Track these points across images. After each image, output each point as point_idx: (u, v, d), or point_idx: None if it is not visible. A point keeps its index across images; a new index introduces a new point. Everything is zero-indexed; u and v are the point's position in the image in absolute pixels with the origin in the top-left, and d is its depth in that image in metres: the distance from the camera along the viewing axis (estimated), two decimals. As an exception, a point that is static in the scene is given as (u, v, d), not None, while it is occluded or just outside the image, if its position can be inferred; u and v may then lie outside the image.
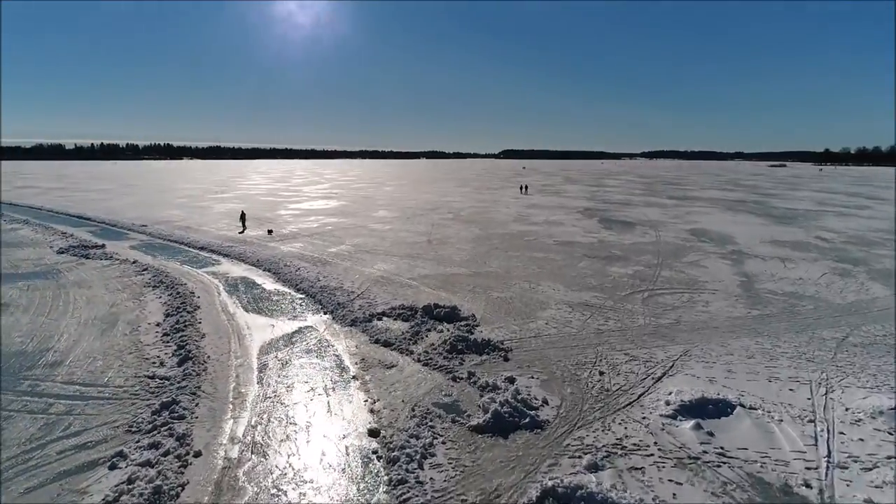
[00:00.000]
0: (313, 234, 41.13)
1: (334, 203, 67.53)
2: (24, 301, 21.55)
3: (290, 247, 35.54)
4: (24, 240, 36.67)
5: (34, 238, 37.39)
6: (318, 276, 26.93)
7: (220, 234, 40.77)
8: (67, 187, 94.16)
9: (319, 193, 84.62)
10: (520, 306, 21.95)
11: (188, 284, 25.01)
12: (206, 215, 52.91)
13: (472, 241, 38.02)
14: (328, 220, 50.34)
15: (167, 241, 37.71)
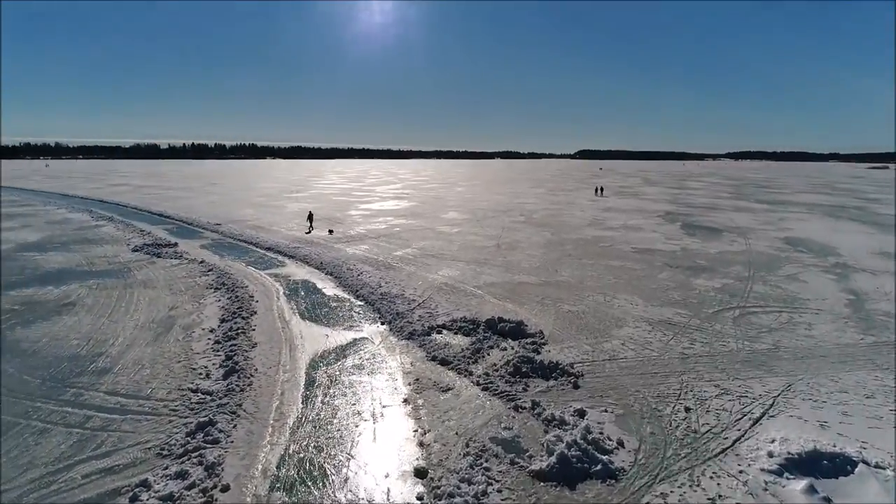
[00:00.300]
0: (380, 236, 41.04)
1: (405, 204, 67.75)
2: (90, 301, 22.71)
3: (356, 249, 35.54)
4: (105, 237, 39.55)
5: (114, 235, 40.20)
6: (380, 281, 26.42)
7: (289, 234, 41.71)
8: (156, 185, 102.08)
9: (391, 194, 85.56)
10: (593, 322, 20.19)
11: (249, 287, 25.37)
12: (279, 215, 54.72)
13: (543, 246, 36.43)
14: (397, 221, 50.29)
15: (237, 241, 39.06)
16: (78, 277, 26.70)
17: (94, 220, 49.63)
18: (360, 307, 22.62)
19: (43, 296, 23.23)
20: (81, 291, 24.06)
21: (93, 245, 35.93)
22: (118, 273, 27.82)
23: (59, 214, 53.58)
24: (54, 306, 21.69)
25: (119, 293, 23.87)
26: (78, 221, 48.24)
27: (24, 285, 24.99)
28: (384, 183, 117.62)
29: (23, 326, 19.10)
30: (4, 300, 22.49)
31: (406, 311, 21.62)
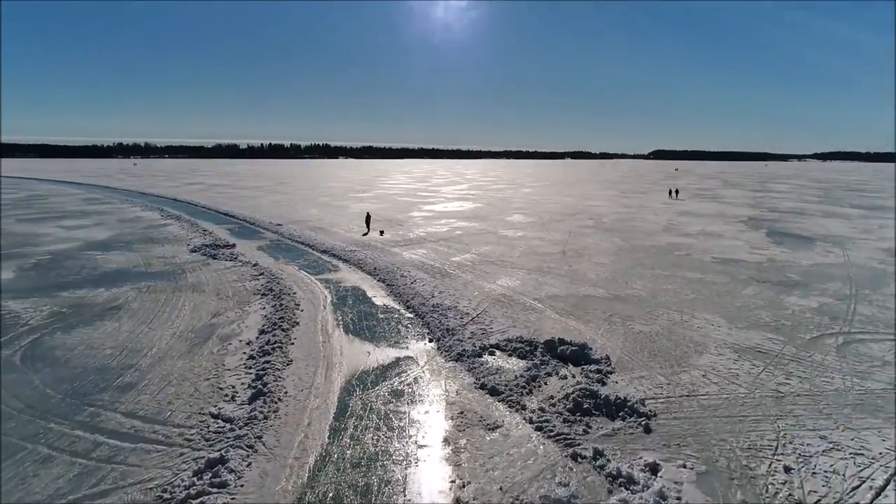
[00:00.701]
0: (440, 240, 39.42)
1: (469, 205, 65.92)
2: (136, 305, 22.32)
3: (413, 253, 34.07)
4: (168, 236, 40.17)
5: (177, 235, 40.76)
6: (433, 291, 24.70)
7: (347, 236, 40.86)
8: (228, 184, 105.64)
9: (456, 194, 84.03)
10: (668, 347, 17.55)
11: (297, 294, 24.30)
12: (341, 215, 54.27)
13: (613, 254, 33.63)
14: (459, 223, 48.56)
15: (294, 243, 38.59)
16: (132, 279, 26.62)
17: (162, 218, 51.08)
18: (409, 320, 20.98)
19: (92, 298, 23.13)
20: (130, 294, 23.84)
21: (155, 245, 36.46)
22: (171, 275, 27.61)
23: (132, 212, 55.67)
24: (100, 310, 21.40)
25: (166, 297, 23.46)
26: (147, 220, 49.75)
27: (78, 286, 25.08)
28: (450, 183, 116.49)
29: (63, 332, 18.75)
30: (55, 302, 22.42)
31: (458, 326, 19.77)
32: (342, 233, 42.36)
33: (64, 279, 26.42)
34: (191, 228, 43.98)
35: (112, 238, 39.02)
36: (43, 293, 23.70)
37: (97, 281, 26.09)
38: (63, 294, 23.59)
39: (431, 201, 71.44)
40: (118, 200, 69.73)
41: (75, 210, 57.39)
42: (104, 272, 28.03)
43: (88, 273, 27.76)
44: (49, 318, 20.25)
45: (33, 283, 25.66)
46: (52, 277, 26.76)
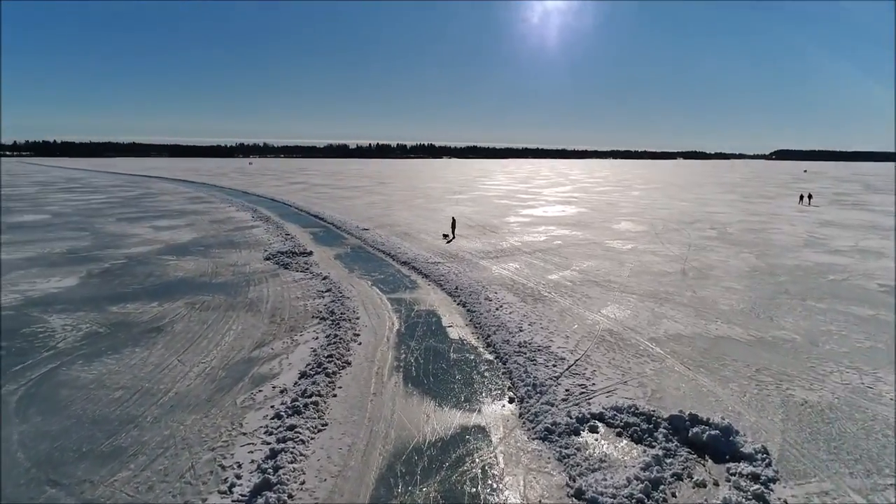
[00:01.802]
0: (535, 251, 34.78)
1: (571, 210, 60.37)
2: (179, 326, 19.77)
3: (503, 268, 29.71)
4: (249, 240, 38.74)
5: (259, 239, 39.22)
6: (522, 321, 20.29)
7: (434, 244, 37.26)
8: (329, 184, 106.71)
9: (558, 197, 78.38)
10: (852, 432, 12.09)
11: (360, 320, 20.79)
12: (431, 220, 50.89)
13: (746, 275, 27.51)
14: (559, 231, 43.53)
15: (375, 251, 35.61)
16: (191, 291, 24.55)
17: (252, 220, 50.45)
18: (488, 365, 16.71)
19: (139, 315, 20.96)
20: (180, 311, 21.52)
21: (232, 250, 34.89)
22: (233, 288, 25.23)
23: (226, 213, 55.84)
24: (139, 332, 19.05)
25: (215, 317, 20.84)
26: (237, 221, 49.27)
27: (132, 299, 23.23)
28: (553, 185, 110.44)
29: (86, 361, 16.38)
30: (99, 319, 20.44)
31: (549, 378, 15.24)
32: (429, 240, 38.98)
33: (123, 289, 24.88)
34: (275, 232, 42.58)
35: (194, 241, 38.27)
36: (93, 306, 22.05)
37: (155, 293, 24.27)
38: (112, 309, 21.77)
39: (531, 204, 66.63)
40: (219, 200, 71.48)
41: (174, 210, 58.79)
42: (167, 282, 26.35)
43: (151, 283, 26.20)
44: (82, 339, 18.17)
45: (90, 292, 24.29)
46: (113, 287, 25.35)
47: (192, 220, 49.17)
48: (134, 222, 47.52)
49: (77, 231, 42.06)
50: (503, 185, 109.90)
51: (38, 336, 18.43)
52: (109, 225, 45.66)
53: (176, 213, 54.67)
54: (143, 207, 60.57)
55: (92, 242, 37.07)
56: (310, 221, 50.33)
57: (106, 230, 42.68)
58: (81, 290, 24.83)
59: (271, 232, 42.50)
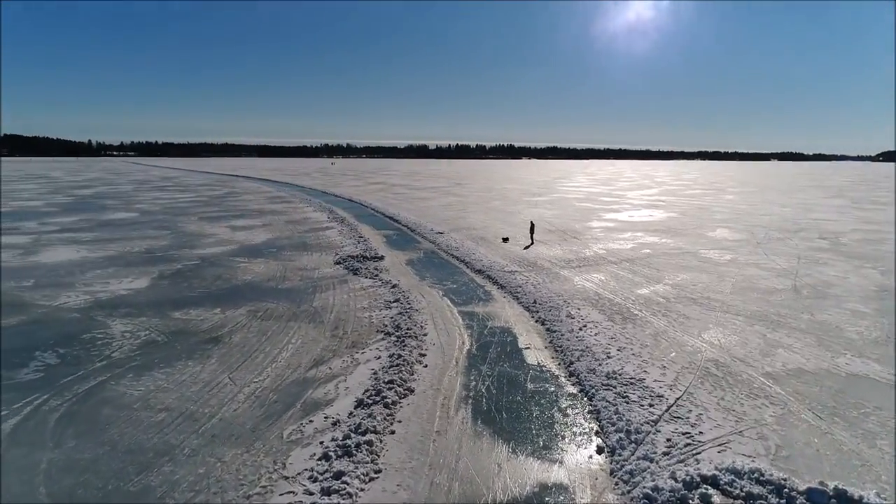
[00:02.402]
0: (622, 261, 31.77)
1: (659, 215, 56.18)
2: (237, 337, 18.67)
3: (587, 279, 27.05)
4: (322, 242, 38.04)
5: (331, 241, 38.45)
6: (609, 345, 17.78)
7: (511, 251, 34.94)
8: (406, 185, 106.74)
9: (644, 201, 73.77)
10: None
11: (428, 336, 18.93)
12: (509, 223, 48.51)
13: (874, 296, 23.54)
14: (647, 238, 40.09)
15: (449, 257, 33.78)
16: (256, 297, 23.66)
17: (327, 220, 50.17)
18: (571, 400, 14.35)
19: (199, 323, 20.12)
20: (241, 320, 20.51)
21: (303, 253, 34.21)
22: (299, 294, 24.16)
23: (303, 213, 56.03)
24: (196, 342, 18.11)
25: (276, 328, 19.68)
26: (312, 222, 49.09)
27: (197, 304, 22.56)
28: (638, 187, 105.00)
29: (136, 375, 15.44)
30: (160, 325, 19.76)
31: (646, 423, 12.66)
32: (506, 246, 36.69)
33: (189, 293, 24.38)
34: (349, 234, 41.78)
35: (267, 242, 38.01)
36: (156, 311, 21.50)
37: (220, 298, 23.54)
38: (175, 314, 21.10)
39: (614, 208, 62.82)
40: (298, 200, 72.47)
41: (254, 209, 59.78)
42: (234, 286, 25.65)
43: (218, 287, 25.59)
44: (138, 349, 17.39)
45: (157, 296, 23.89)
46: (180, 290, 24.93)
47: (268, 221, 49.55)
48: (214, 222, 48.47)
49: (159, 230, 43.17)
50: (584, 187, 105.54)
51: (95, 343, 17.90)
52: (190, 224, 46.77)
53: (255, 213, 55.54)
54: (226, 207, 62.20)
55: (170, 242, 37.69)
56: (384, 223, 49.49)
57: (186, 229, 43.60)
58: (149, 292, 24.58)
59: (345, 234, 41.83)
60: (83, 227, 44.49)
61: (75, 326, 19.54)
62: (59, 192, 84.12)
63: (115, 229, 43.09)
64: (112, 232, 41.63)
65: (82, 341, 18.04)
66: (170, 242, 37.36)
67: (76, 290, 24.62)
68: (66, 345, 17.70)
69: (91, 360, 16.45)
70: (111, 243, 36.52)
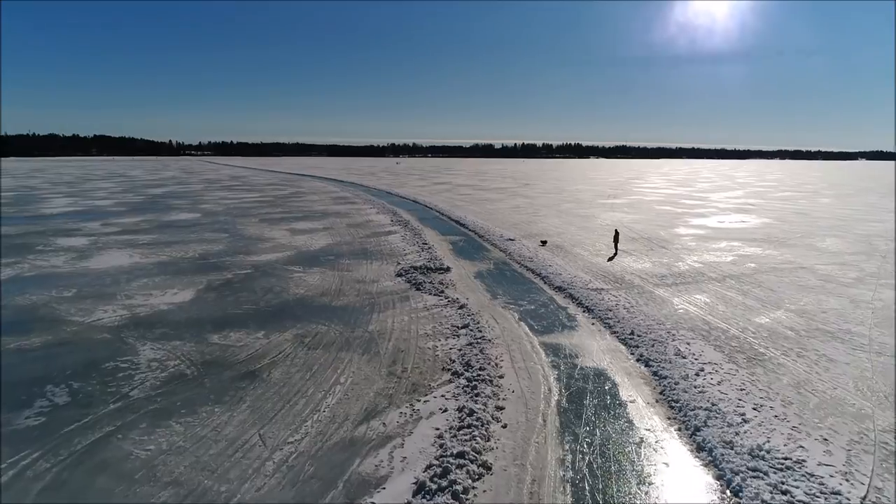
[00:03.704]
0: (725, 277, 27.18)
1: (753, 220, 50.29)
2: (277, 373, 15.58)
3: (688, 302, 22.76)
4: (383, 249, 35.06)
5: (393, 248, 35.45)
6: (740, 404, 13.71)
7: (593, 262, 30.90)
8: (472, 185, 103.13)
9: (731, 204, 67.24)
10: None
11: (506, 380, 15.26)
12: (586, 229, 44.33)
13: None
14: (747, 249, 35.00)
15: (522, 269, 29.94)
16: (306, 316, 20.86)
17: (390, 224, 47.30)
18: (710, 493, 10.28)
19: (237, 350, 17.31)
20: (286, 348, 17.58)
21: (362, 262, 31.29)
22: (354, 315, 21.13)
23: (366, 216, 53.53)
24: (230, 378, 15.22)
25: (324, 361, 16.56)
26: (374, 226, 46.36)
27: (240, 325, 19.81)
28: (720, 189, 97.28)
29: (150, 425, 12.58)
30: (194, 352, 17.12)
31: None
32: (586, 256, 32.74)
33: (234, 310, 21.82)
34: (412, 240, 38.67)
35: (326, 248, 35.48)
36: (194, 333, 18.93)
37: (266, 317, 20.81)
38: (213, 338, 18.41)
39: (700, 212, 57.15)
40: (362, 201, 70.35)
41: (317, 211, 57.94)
42: (284, 302, 22.94)
43: (267, 302, 22.92)
44: (162, 386, 14.67)
45: (200, 312, 21.47)
46: (225, 305, 22.44)
47: (330, 224, 47.25)
48: (274, 224, 46.63)
49: (218, 233, 41.65)
50: (661, 188, 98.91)
51: (116, 376, 15.35)
52: (250, 227, 45.06)
53: (317, 215, 53.56)
54: (289, 208, 60.74)
55: (226, 246, 35.79)
56: (450, 228, 46.16)
57: (245, 232, 41.83)
58: (192, 307, 22.20)
59: (408, 240, 38.79)
60: (144, 228, 43.73)
61: (101, 351, 17.20)
62: (132, 190, 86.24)
63: (175, 232, 41.96)
64: (171, 234, 40.45)
65: (102, 372, 15.59)
66: (225, 247, 35.50)
67: (115, 302, 22.61)
68: (83, 377, 15.29)
69: (105, 400, 13.84)
70: (167, 248, 35.04)
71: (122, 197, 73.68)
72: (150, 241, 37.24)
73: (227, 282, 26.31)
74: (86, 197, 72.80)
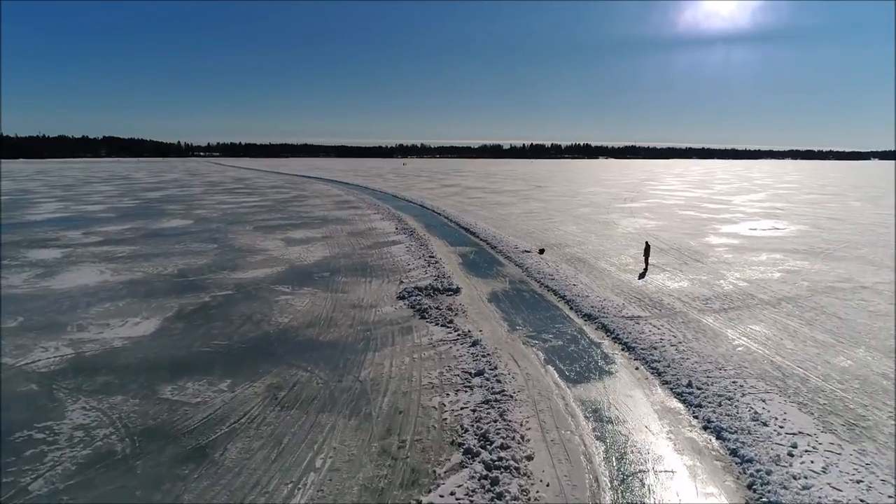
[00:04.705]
0: (779, 301, 23.18)
1: (787, 227, 46.00)
2: (235, 450, 11.65)
3: (745, 335, 18.82)
4: (385, 264, 31.10)
5: (396, 263, 31.52)
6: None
7: (622, 279, 27.03)
8: (482, 187, 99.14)
9: (757, 208, 63.09)
10: None
11: (535, 465, 11.33)
12: (608, 238, 40.41)
13: None
14: (792, 262, 30.99)
15: (543, 289, 26.00)
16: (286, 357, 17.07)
17: (395, 232, 43.32)
18: None
19: (191, 410, 13.45)
20: (252, 407, 13.60)
21: (361, 279, 27.45)
22: (344, 356, 17.26)
23: (369, 222, 49.66)
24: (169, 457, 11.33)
25: (299, 429, 12.56)
26: (377, 234, 42.43)
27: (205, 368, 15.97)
28: (740, 191, 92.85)
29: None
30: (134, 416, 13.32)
31: None
32: (613, 271, 28.86)
33: (203, 346, 18.06)
34: (417, 252, 34.68)
35: (322, 262, 31.68)
36: (143, 383, 15.11)
37: (238, 358, 17.02)
38: (165, 391, 14.59)
39: (727, 218, 52.97)
40: (366, 205, 66.48)
41: (317, 217, 54.12)
42: (262, 335, 19.11)
43: (242, 336, 19.09)
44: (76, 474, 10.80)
45: (159, 351, 17.63)
46: (192, 340, 18.64)
47: (329, 232, 43.46)
48: (269, 232, 42.87)
49: (206, 243, 37.86)
50: (678, 190, 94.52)
51: (23, 454, 11.44)
52: (243, 236, 41.22)
53: (317, 222, 49.75)
54: (288, 213, 57.03)
55: (212, 260, 32.02)
56: (459, 237, 42.19)
57: (236, 243, 38.00)
58: (152, 343, 18.36)
59: (413, 252, 34.89)
60: (127, 238, 40.03)
61: (17, 412, 13.39)
62: (130, 194, 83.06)
63: (160, 242, 38.26)
64: (154, 245, 36.75)
65: (8, 448, 11.69)
66: (210, 261, 31.74)
67: (63, 336, 18.84)
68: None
69: (-9, 498, 10.44)
70: (145, 262, 31.29)
71: (116, 201, 70.37)
72: (128, 254, 33.62)
73: (201, 307, 22.60)
74: (79, 201, 69.53)
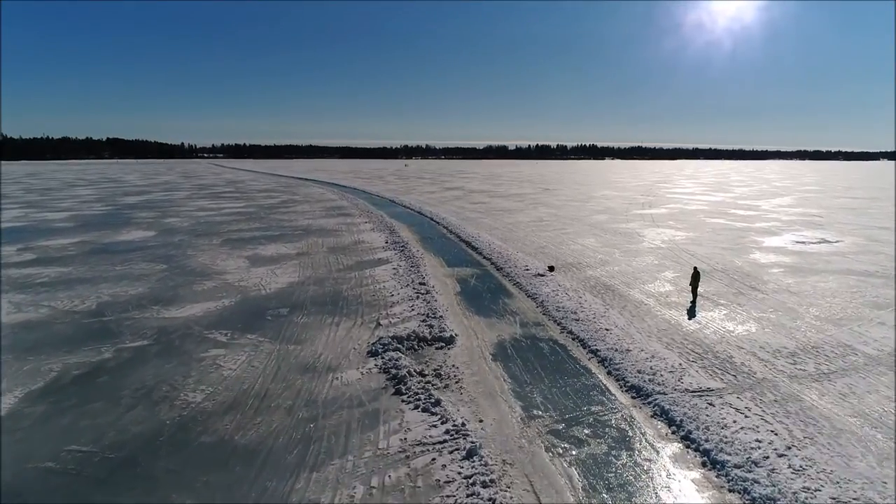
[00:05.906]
0: (890, 353, 17.07)
1: (839, 241, 39.17)
2: None
3: (838, 402, 12.06)
4: (362, 295, 24.53)
5: (377, 293, 24.91)
6: None
7: (667, 319, 20.45)
8: (487, 191, 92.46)
9: (791, 215, 56.25)
10: None
11: None
12: (635, 254, 33.78)
13: None
14: (873, 289, 24.63)
15: (567, 337, 19.29)
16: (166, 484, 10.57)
17: (383, 249, 36.52)
18: None
19: None
20: None
21: (327, 319, 20.96)
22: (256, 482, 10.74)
23: (356, 234, 42.91)
24: None
25: None
26: (363, 250, 35.79)
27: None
28: (762, 194, 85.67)
29: None
30: None
31: None
32: (651, 305, 22.28)
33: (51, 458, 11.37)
34: (406, 277, 27.98)
35: (285, 291, 25.21)
36: None
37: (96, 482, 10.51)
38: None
39: (763, 228, 46.19)
40: (359, 212, 59.98)
41: (299, 227, 47.35)
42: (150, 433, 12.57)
43: (121, 432, 12.54)
44: None
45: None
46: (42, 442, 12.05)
47: (307, 247, 36.93)
48: (237, 248, 36.32)
49: (155, 263, 31.38)
50: (697, 193, 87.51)
51: None
52: (204, 253, 34.67)
53: (298, 234, 43.12)
54: (269, 222, 50.57)
55: (148, 289, 25.50)
56: (459, 255, 35.48)
57: (190, 263, 31.46)
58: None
59: (401, 276, 28.19)
60: (66, 256, 33.62)
61: None
62: (106, 199, 76.77)
63: (100, 262, 31.79)
64: (90, 267, 30.25)
65: None
66: (146, 290, 25.26)
67: None
68: None
69: None
70: (61, 292, 24.81)
71: (86, 208, 64.14)
72: (51, 280, 27.16)
73: (91, 371, 16.07)
74: (44, 208, 63.17)
